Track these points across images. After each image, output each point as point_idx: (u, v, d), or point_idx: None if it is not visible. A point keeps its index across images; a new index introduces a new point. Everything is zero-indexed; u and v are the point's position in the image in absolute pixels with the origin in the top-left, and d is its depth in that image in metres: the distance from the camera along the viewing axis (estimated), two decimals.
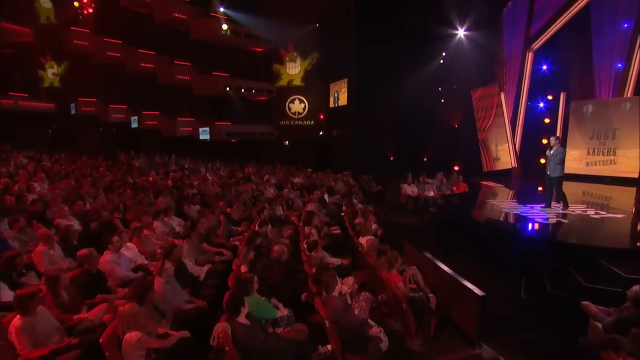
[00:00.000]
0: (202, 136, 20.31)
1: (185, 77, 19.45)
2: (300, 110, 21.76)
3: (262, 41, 20.34)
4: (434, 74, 16.20)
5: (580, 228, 6.77)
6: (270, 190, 12.11)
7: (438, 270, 5.29)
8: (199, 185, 12.19)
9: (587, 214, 7.57)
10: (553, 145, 7.72)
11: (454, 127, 16.27)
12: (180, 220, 7.90)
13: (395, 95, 16.24)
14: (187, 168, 17.55)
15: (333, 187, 12.82)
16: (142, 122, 20.68)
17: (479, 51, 14.77)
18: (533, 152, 14.54)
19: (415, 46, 15.66)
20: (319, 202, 9.81)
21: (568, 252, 5.66)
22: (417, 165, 15.19)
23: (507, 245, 6.39)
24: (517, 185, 13.03)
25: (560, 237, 6.39)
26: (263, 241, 6.49)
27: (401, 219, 11.11)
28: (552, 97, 14.42)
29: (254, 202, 10.28)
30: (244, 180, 13.00)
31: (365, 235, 6.27)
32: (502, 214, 7.76)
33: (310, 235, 5.83)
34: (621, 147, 12.77)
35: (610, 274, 5.02)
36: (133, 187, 10.85)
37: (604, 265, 5.17)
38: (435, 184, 12.54)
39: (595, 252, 5.45)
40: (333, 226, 8.36)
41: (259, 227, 6.48)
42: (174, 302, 4.10)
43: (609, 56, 13.14)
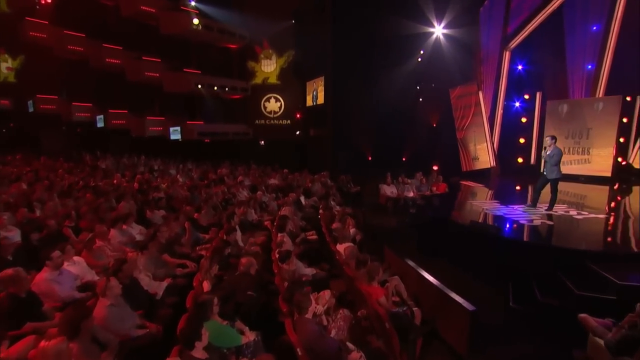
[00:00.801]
0: (173, 136, 19.37)
1: (155, 74, 18.46)
2: (276, 109, 21.13)
3: (236, 37, 19.59)
4: (412, 73, 15.96)
5: (566, 230, 6.53)
6: (243, 193, 11.49)
7: (422, 280, 4.87)
8: (167, 188, 11.44)
9: (570, 214, 7.37)
10: (549, 146, 7.44)
11: (433, 126, 16.08)
12: (142, 227, 7.21)
13: (373, 93, 15.91)
14: (157, 170, 16.67)
15: (310, 189, 12.32)
16: (108, 121, 19.51)
17: (456, 49, 14.63)
18: (510, 151, 14.60)
19: (393, 44, 15.39)
20: (295, 205, 9.29)
21: (556, 257, 5.37)
22: (396, 165, 14.89)
23: (492, 249, 6.06)
24: (496, 185, 12.91)
25: (547, 241, 6.12)
26: (233, 250, 5.93)
27: (381, 220, 10.74)
28: (529, 96, 14.49)
29: (226, 206, 9.66)
30: (216, 182, 12.31)
31: (344, 242, 5.80)
32: (485, 216, 7.47)
33: (282, 243, 5.30)
34: (595, 147, 12.94)
35: (602, 281, 4.73)
36: (94, 191, 10.02)
37: (595, 270, 4.89)
38: (415, 184, 12.26)
39: (584, 256, 5.17)
40: (309, 231, 7.86)
41: (226, 235, 5.89)
42: (120, 329, 3.49)
43: (581, 57, 13.38)
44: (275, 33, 19.76)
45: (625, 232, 6.60)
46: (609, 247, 5.79)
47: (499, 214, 7.38)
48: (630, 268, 4.97)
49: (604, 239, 6.31)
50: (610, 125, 12.73)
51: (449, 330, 4.34)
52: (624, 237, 6.32)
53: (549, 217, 7.16)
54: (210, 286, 4.40)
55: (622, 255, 5.34)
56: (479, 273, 5.96)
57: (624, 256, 5.33)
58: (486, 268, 5.97)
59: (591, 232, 6.50)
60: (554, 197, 7.46)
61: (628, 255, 5.38)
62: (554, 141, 7.41)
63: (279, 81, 20.83)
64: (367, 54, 16.10)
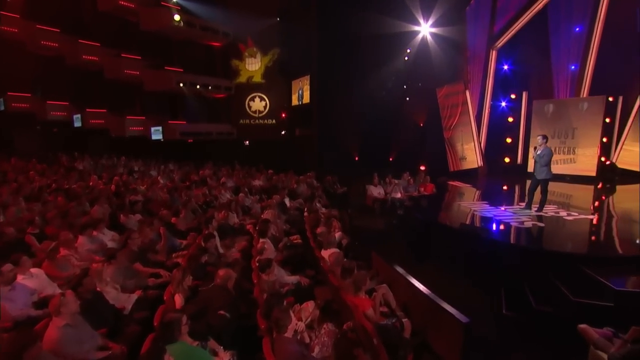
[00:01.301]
0: (154, 136, 18.75)
1: (135, 72, 17.83)
2: (261, 108, 20.69)
3: (220, 35, 19.09)
4: (399, 72, 15.76)
5: (557, 232, 6.37)
6: (226, 195, 11.07)
7: (412, 288, 4.59)
8: (146, 191, 10.94)
9: (560, 215, 7.22)
10: (539, 145, 7.25)
11: (420, 126, 15.90)
12: (116, 233, 6.77)
13: (359, 93, 15.64)
14: (137, 171, 16.08)
15: (295, 190, 12.00)
16: (86, 121, 18.75)
17: (443, 48, 14.48)
18: (497, 151, 14.55)
19: (379, 42, 15.16)
20: (279, 208, 8.94)
21: (549, 261, 5.16)
22: (382, 165, 14.68)
23: (483, 253, 5.84)
24: (484, 185, 12.79)
25: (539, 244, 5.92)
26: (210, 258, 5.55)
27: (368, 222, 10.47)
28: (515, 96, 14.47)
29: (206, 209, 9.25)
30: (197, 184, 11.85)
31: (329, 248, 5.48)
32: (474, 218, 7.25)
33: (263, 250, 4.95)
34: (580, 146, 13.00)
35: (597, 286, 4.53)
36: (66, 194, 9.47)
37: (590, 275, 4.69)
38: (402, 184, 12.03)
39: (578, 260, 4.97)
40: (294, 235, 7.53)
41: (204, 242, 5.51)
42: (76, 354, 3.10)
43: (565, 57, 13.49)
44: (259, 31, 19.33)
45: (616, 233, 6.45)
46: (602, 250, 5.61)
47: (489, 215, 7.18)
48: (625, 272, 4.79)
49: (597, 242, 6.15)
50: (595, 125, 12.81)
51: (441, 342, 4.06)
52: (616, 239, 6.16)
53: (540, 218, 6.99)
54: (183, 300, 4.03)
55: (615, 258, 5.16)
56: (470, 278, 5.73)
57: (618, 259, 5.16)
58: (477, 273, 5.75)
59: (583, 234, 6.35)
60: (544, 198, 7.30)
61: (621, 259, 5.21)
62: (545, 141, 7.24)
63: (264, 80, 20.41)
64: (353, 52, 15.83)
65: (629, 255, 5.23)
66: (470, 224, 6.78)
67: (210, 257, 5.53)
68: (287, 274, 5.23)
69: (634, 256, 5.12)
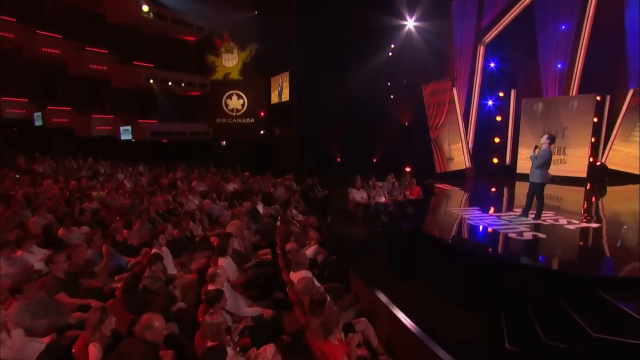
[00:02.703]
0: (123, 136, 17.51)
1: (101, 66, 16.55)
2: (239, 106, 19.63)
3: (194, 29, 17.96)
4: (383, 68, 14.97)
5: (563, 245, 5.60)
6: (194, 201, 10.04)
7: (396, 321, 3.73)
8: (106, 196, 9.82)
9: (560, 223, 6.50)
10: (542, 145, 6.51)
11: (405, 125, 15.15)
12: (50, 252, 5.70)
13: (341, 90, 14.79)
14: (103, 174, 14.86)
15: (272, 194, 11.07)
16: (48, 120, 17.32)
17: (429, 43, 13.76)
18: (485, 151, 14.00)
19: (362, 37, 14.36)
20: (249, 216, 8.00)
21: (559, 283, 4.38)
22: (366, 167, 13.87)
23: (478, 271, 5.03)
24: (473, 188, 12.14)
25: (544, 261, 5.12)
26: (154, 285, 4.57)
27: (349, 229, 9.61)
28: (503, 94, 13.92)
29: (169, 218, 8.22)
30: (162, 189, 10.76)
31: (298, 270, 4.58)
32: (467, 228, 6.46)
33: (215, 276, 4.00)
34: (570, 146, 12.61)
35: (619, 316, 3.75)
36: (6, 202, 8.30)
37: (609, 302, 3.91)
38: (387, 187, 11.23)
39: (594, 283, 4.20)
40: (264, 249, 6.61)
41: (149, 265, 4.54)
42: None
43: (553, 55, 13.14)
44: (236, 25, 18.31)
45: (631, 247, 5.63)
46: (620, 269, 4.78)
47: (482, 224, 6.40)
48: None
49: (611, 258, 5.29)
50: (585, 124, 12.44)
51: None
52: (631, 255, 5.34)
53: (538, 227, 6.25)
54: (101, 351, 3.06)
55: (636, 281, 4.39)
56: (464, 300, 4.92)
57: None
58: (473, 295, 4.95)
59: (592, 248, 5.58)
60: (540, 204, 6.58)
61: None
62: (550, 141, 6.51)
63: (242, 77, 19.37)
64: (334, 47, 14.97)
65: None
66: (462, 236, 5.98)
67: (154, 283, 4.55)
68: (246, 304, 4.30)
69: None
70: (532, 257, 5.14)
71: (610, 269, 4.71)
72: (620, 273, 4.50)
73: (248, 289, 5.15)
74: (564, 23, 12.82)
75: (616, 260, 5.00)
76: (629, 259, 5.01)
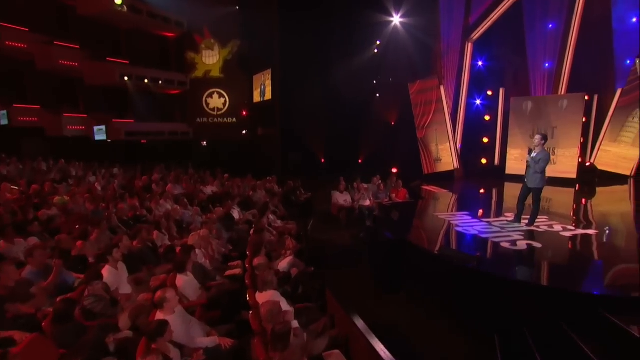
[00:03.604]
0: (97, 136, 16.63)
1: (72, 62, 15.66)
2: (220, 105, 18.88)
3: (172, 24, 17.18)
4: (368, 65, 14.43)
5: (560, 257, 5.11)
6: (166, 206, 9.32)
7: (374, 355, 3.17)
8: (69, 201, 9.04)
9: (555, 230, 6.03)
10: (537, 146, 5.98)
11: (391, 124, 14.65)
12: None
13: (326, 88, 14.23)
14: (74, 176, 14.00)
15: (251, 198, 10.43)
16: (14, 118, 16.31)
17: (416, 40, 13.29)
18: (474, 151, 13.65)
19: (347, 33, 13.82)
20: (222, 223, 7.37)
21: (559, 302, 3.87)
22: (351, 168, 13.34)
23: (468, 286, 4.52)
24: (461, 190, 11.70)
25: (541, 276, 4.59)
26: (97, 306, 3.92)
27: (331, 235, 9.07)
28: (492, 92, 13.58)
29: (134, 226, 7.51)
30: (133, 193, 10.02)
31: (265, 290, 3.98)
32: (455, 237, 5.94)
33: (163, 302, 3.38)
34: (560, 147, 12.34)
35: (629, 342, 3.26)
36: None
37: (618, 326, 3.41)
38: (372, 190, 10.72)
39: (599, 302, 3.70)
40: (235, 261, 5.98)
41: (86, 282, 3.88)
42: None
43: (542, 54, 12.93)
44: (217, 20, 17.58)
45: (635, 258, 5.13)
46: (626, 287, 4.25)
47: (472, 232, 5.89)
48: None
49: (616, 272, 4.66)
50: (575, 124, 12.19)
51: None
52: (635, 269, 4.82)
53: (532, 235, 5.77)
54: None
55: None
56: (452, 318, 4.41)
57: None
58: (462, 313, 4.44)
59: (592, 260, 5.08)
60: (536, 209, 6.11)
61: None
62: (544, 142, 6.02)
63: (223, 75, 18.61)
64: (318, 44, 14.39)
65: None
66: (450, 246, 5.46)
67: (97, 304, 3.91)
68: (203, 332, 3.69)
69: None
70: (527, 272, 4.61)
71: (617, 286, 4.22)
72: (629, 291, 4.00)
73: (211, 310, 4.53)
74: (552, 21, 12.72)
75: (623, 275, 4.50)
76: (632, 271, 4.54)
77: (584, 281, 4.33)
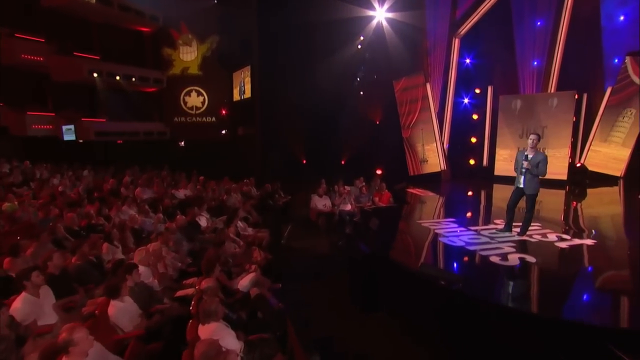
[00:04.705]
0: (66, 136, 15.66)
1: (37, 57, 14.68)
2: (199, 104, 18.03)
3: (146, 18, 16.30)
4: (351, 62, 13.76)
5: (557, 275, 4.39)
6: (130, 212, 8.50)
7: None
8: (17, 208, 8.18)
9: (549, 240, 5.44)
10: (531, 148, 5.38)
11: (376, 123, 14.02)
12: None
13: (307, 86, 13.49)
14: (39, 179, 13.07)
15: (225, 202, 9.68)
16: None
17: (401, 35, 12.66)
18: (461, 152, 13.15)
19: (329, 28, 13.11)
20: (184, 232, 6.62)
21: (559, 334, 3.25)
22: (334, 169, 12.68)
23: (454, 314, 3.87)
24: (448, 193, 11.14)
25: (537, 302, 3.87)
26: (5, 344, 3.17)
27: (309, 243, 8.41)
28: (480, 90, 13.07)
29: (86, 237, 6.70)
30: (90, 199, 9.17)
31: (207, 322, 3.27)
32: (438, 250, 5.29)
33: (68, 345, 2.65)
34: (550, 147, 11.92)
35: None
36: None
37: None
38: (354, 193, 10.07)
39: (606, 335, 3.08)
40: (192, 277, 5.24)
41: None
42: None
43: (530, 51, 12.49)
44: (194, 15, 16.74)
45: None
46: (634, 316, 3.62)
47: (458, 244, 5.25)
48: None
49: (623, 298, 3.93)
50: (566, 123, 11.80)
51: None
52: None
53: (525, 247, 5.16)
54: None
55: None
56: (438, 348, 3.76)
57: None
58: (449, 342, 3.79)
59: (592, 278, 4.42)
60: (529, 217, 5.51)
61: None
62: (538, 141, 5.44)
63: (201, 72, 17.76)
64: (299, 40, 13.67)
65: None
66: (436, 261, 4.81)
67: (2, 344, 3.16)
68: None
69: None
70: (520, 295, 3.92)
71: (626, 314, 3.58)
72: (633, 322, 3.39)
73: (150, 342, 3.80)
74: (540, 18, 12.33)
75: (633, 301, 3.87)
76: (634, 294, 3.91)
77: (588, 308, 3.69)
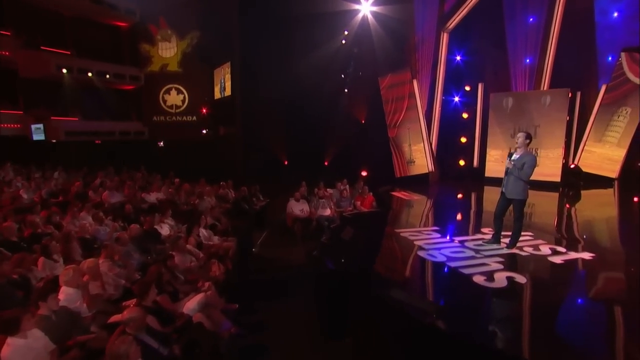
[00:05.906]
0: (35, 136, 14.81)
1: (3, 51, 13.85)
2: (179, 102, 17.30)
3: (121, 12, 15.53)
4: (335, 58, 13.14)
5: (552, 300, 3.52)
6: (88, 219, 7.73)
7: None
8: None
9: (542, 253, 4.81)
10: (520, 147, 4.75)
11: (361, 122, 13.40)
12: None
13: (289, 83, 12.86)
14: (2, 181, 12.25)
15: (197, 207, 8.96)
16: None
17: (387, 30, 12.10)
18: (450, 152, 12.63)
19: (312, 23, 12.48)
20: (137, 243, 5.89)
21: None
22: (316, 171, 12.05)
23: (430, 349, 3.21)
24: (435, 197, 10.52)
25: (529, 341, 3.14)
26: None
27: (283, 252, 7.74)
28: (470, 88, 12.53)
29: (30, 247, 5.96)
30: (48, 204, 8.41)
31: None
32: (415, 269, 4.58)
33: None
34: (543, 147, 11.43)
35: None
36: None
37: None
38: (335, 196, 9.42)
39: None
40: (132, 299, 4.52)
41: None
42: None
43: (522, 49, 12.08)
44: (173, 9, 15.99)
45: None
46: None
47: (439, 259, 4.58)
48: None
49: (624, 326, 3.26)
50: (559, 122, 11.31)
51: None
52: None
53: (514, 263, 4.52)
54: None
55: None
56: None
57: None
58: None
59: (593, 306, 3.67)
60: (519, 227, 4.86)
61: None
62: (529, 141, 4.81)
63: (181, 69, 17.04)
64: (281, 35, 13.05)
65: None
66: (407, 284, 4.14)
67: None
68: None
69: None
70: (507, 331, 3.16)
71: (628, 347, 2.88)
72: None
73: None
74: (533, 14, 11.91)
75: (628, 326, 3.23)
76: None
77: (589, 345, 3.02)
